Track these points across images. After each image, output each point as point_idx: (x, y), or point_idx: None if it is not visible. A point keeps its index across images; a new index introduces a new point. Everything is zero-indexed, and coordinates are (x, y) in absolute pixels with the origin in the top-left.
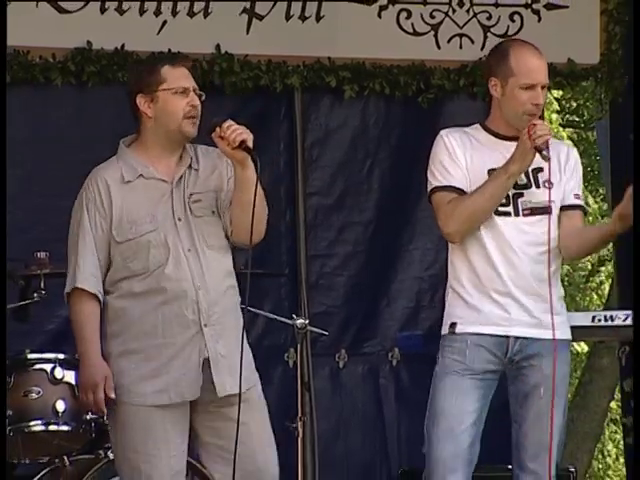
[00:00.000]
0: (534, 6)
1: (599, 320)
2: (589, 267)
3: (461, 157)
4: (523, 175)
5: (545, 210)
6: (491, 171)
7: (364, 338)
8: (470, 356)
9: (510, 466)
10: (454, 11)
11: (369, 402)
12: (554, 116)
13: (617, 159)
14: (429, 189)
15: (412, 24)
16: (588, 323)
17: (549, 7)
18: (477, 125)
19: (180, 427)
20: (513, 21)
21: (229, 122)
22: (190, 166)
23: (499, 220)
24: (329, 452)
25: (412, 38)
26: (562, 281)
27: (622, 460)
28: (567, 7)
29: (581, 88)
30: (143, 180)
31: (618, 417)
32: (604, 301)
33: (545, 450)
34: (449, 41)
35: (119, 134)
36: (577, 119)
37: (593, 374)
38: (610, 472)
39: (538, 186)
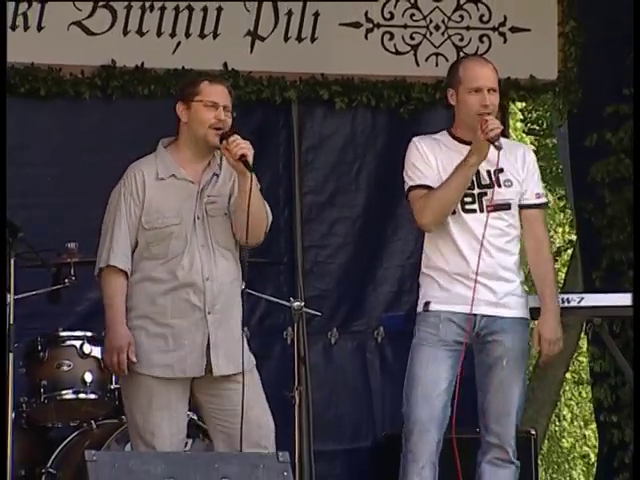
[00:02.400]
0: (500, 29)
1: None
2: None
3: (432, 160)
4: (486, 175)
5: (507, 206)
6: None
7: (353, 318)
8: (443, 329)
9: (478, 429)
10: (431, 33)
11: (357, 374)
12: (518, 124)
13: (575, 161)
14: (406, 189)
15: (394, 45)
16: None
17: (513, 30)
18: (444, 132)
19: (181, 397)
20: (482, 42)
21: (235, 137)
22: (215, 173)
23: (466, 216)
24: (322, 418)
25: (394, 57)
26: (524, 268)
27: (576, 423)
28: (529, 30)
29: (541, 100)
30: (174, 180)
31: (573, 385)
32: (561, 286)
33: (506, 414)
34: (427, 59)
35: (138, 140)
36: (538, 127)
37: None
38: (565, 433)
39: (500, 185)
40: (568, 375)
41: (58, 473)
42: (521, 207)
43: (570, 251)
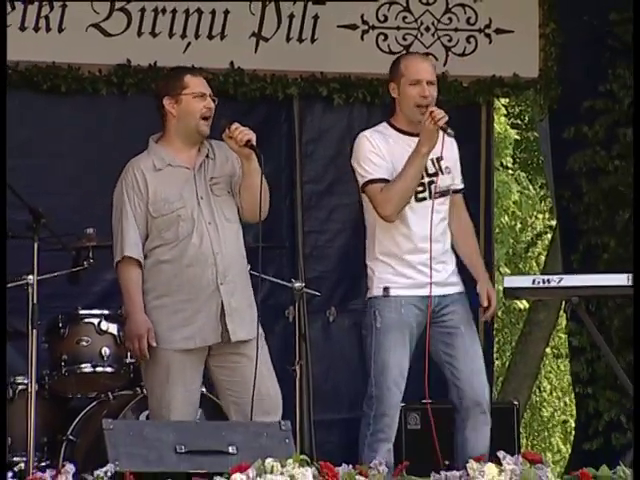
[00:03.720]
0: (486, 31)
1: (538, 282)
2: (530, 241)
3: (385, 152)
4: (431, 164)
5: (448, 192)
6: None
7: (350, 298)
8: (405, 313)
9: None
10: (422, 34)
11: (353, 349)
12: (502, 119)
13: (555, 153)
14: (361, 183)
15: (388, 45)
16: (529, 285)
17: (498, 32)
18: (384, 123)
19: (195, 369)
20: (469, 43)
21: (236, 125)
22: (207, 156)
23: (418, 204)
24: (321, 389)
25: (388, 56)
26: (508, 251)
27: (555, 394)
28: (513, 32)
29: (524, 96)
30: (171, 168)
31: (552, 359)
32: (541, 267)
33: (477, 374)
34: None
35: (152, 133)
36: (520, 122)
37: (532, 326)
38: (545, 404)
39: (442, 173)
40: (548, 350)
41: (78, 440)
42: (453, 191)
43: (550, 236)
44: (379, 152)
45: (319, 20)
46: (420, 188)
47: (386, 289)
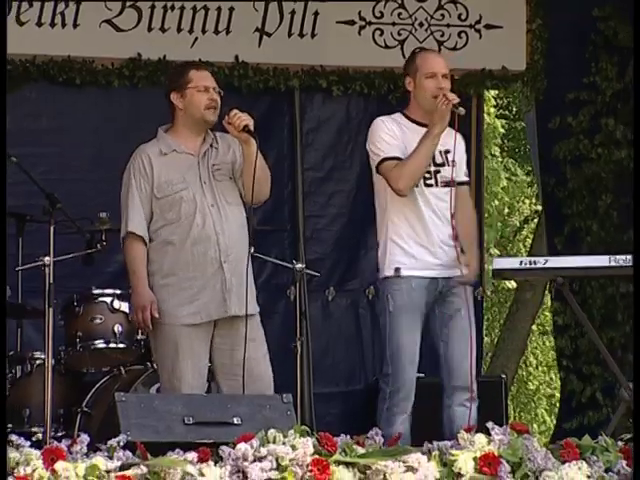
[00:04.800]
0: (476, 26)
1: (525, 264)
2: (517, 224)
3: (399, 134)
4: (439, 155)
5: (453, 183)
6: None
7: (347, 278)
8: (416, 295)
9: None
10: (416, 30)
11: (351, 327)
12: (492, 110)
13: (542, 142)
14: (377, 161)
15: (384, 40)
16: (517, 266)
17: (488, 27)
18: (399, 114)
19: (203, 343)
20: (460, 38)
21: (235, 111)
22: (211, 145)
23: (427, 190)
24: (320, 364)
25: (384, 50)
26: (497, 235)
27: (540, 368)
28: (501, 27)
29: (512, 88)
30: (176, 154)
31: (538, 336)
32: (528, 250)
33: (467, 357)
34: None
35: (162, 122)
36: (508, 112)
37: (519, 305)
38: (531, 377)
39: (448, 164)
40: (534, 327)
41: (92, 412)
42: (457, 184)
43: (536, 220)
44: (393, 134)
45: (319, 16)
46: (427, 175)
47: (397, 269)
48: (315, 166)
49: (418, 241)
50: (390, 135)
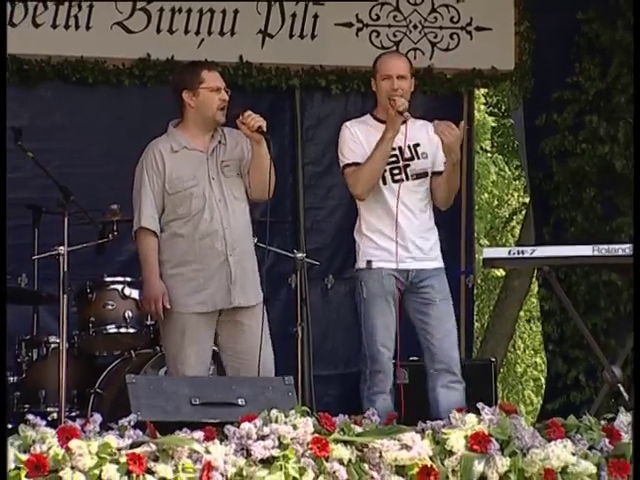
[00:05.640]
0: (467, 28)
1: (513, 253)
2: (506, 216)
3: (363, 139)
4: (407, 150)
5: (425, 174)
6: None
7: (345, 267)
8: (386, 283)
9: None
10: (410, 32)
11: (348, 313)
12: (482, 107)
13: (529, 138)
14: (341, 166)
15: (380, 41)
16: (505, 255)
17: (478, 29)
18: (368, 115)
19: (208, 330)
20: (452, 39)
21: (249, 112)
22: (220, 142)
23: (395, 186)
24: (320, 349)
25: (380, 51)
26: (486, 226)
27: (527, 352)
28: (491, 29)
29: (501, 87)
30: (186, 150)
31: (525, 321)
32: (516, 240)
33: (449, 341)
34: (407, 53)
35: (170, 119)
36: (498, 110)
37: (507, 291)
38: (519, 360)
39: (418, 157)
40: (522, 313)
41: (104, 393)
42: (433, 174)
43: (524, 212)
44: (357, 139)
45: (318, 19)
46: (396, 171)
47: (369, 262)
48: (315, 160)
49: (388, 235)
50: (353, 140)
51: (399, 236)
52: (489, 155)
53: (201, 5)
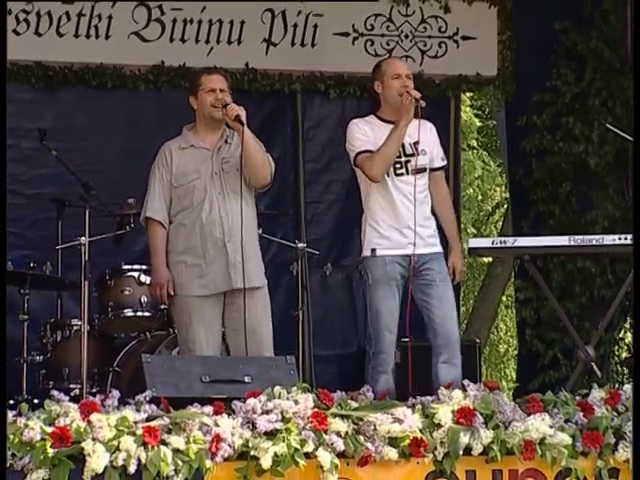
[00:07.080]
0: (454, 37)
1: (496, 243)
2: (490, 209)
3: (370, 132)
4: (409, 147)
5: (424, 170)
6: None
7: (343, 256)
8: (390, 269)
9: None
10: (402, 40)
11: (346, 298)
12: (468, 109)
13: (511, 138)
14: (353, 156)
15: (375, 49)
16: (489, 245)
17: (464, 38)
18: (372, 115)
19: (214, 311)
20: (440, 47)
21: (231, 105)
22: (226, 141)
23: (397, 179)
24: (319, 331)
25: (375, 58)
26: (474, 220)
27: (509, 333)
28: (476, 38)
29: (485, 91)
30: (194, 148)
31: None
32: (499, 231)
33: (449, 319)
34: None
35: (182, 122)
36: (482, 112)
37: (491, 278)
38: (501, 341)
39: (419, 154)
40: (504, 298)
41: (121, 371)
42: (431, 170)
43: (506, 206)
44: (365, 133)
45: (318, 29)
46: (398, 165)
47: (373, 250)
48: (315, 158)
49: (391, 224)
50: (362, 134)
51: (401, 225)
52: (475, 152)
53: (211, 16)
